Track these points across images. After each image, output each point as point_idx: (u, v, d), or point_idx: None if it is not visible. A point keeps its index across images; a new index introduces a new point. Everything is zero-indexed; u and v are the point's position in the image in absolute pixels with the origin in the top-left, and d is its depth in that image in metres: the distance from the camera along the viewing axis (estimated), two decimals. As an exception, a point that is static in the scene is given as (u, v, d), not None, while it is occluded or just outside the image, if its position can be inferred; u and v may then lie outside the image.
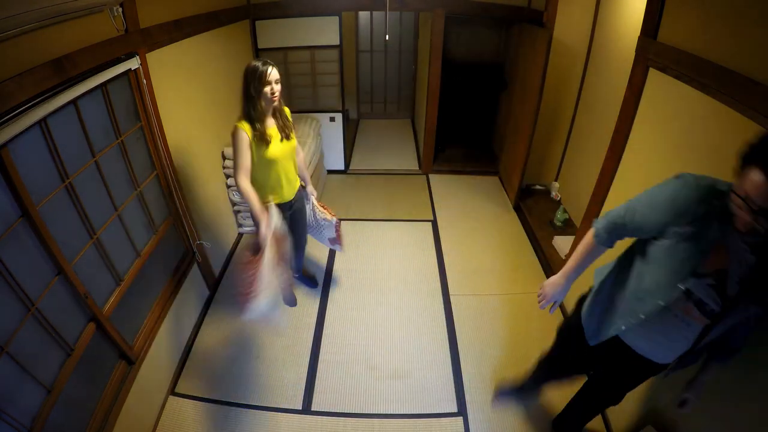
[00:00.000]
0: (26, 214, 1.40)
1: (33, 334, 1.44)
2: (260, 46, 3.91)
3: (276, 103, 2.02)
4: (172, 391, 2.29)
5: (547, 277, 3.09)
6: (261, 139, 1.98)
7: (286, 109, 2.15)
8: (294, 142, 2.18)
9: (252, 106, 1.93)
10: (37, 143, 1.48)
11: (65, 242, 1.59)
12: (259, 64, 1.92)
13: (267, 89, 1.93)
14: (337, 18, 3.81)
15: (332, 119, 4.36)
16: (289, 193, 2.25)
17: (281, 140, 2.08)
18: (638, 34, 1.93)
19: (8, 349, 1.31)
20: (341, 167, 4.68)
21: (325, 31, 3.87)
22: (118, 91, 1.94)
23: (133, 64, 1.95)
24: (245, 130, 1.93)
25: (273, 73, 1.93)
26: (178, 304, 2.43)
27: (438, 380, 2.37)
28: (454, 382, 2.36)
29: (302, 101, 4.25)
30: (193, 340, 2.59)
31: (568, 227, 3.48)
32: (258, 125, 1.96)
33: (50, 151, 1.54)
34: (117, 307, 1.90)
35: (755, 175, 0.92)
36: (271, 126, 2.05)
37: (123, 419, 1.83)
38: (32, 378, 1.42)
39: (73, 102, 1.63)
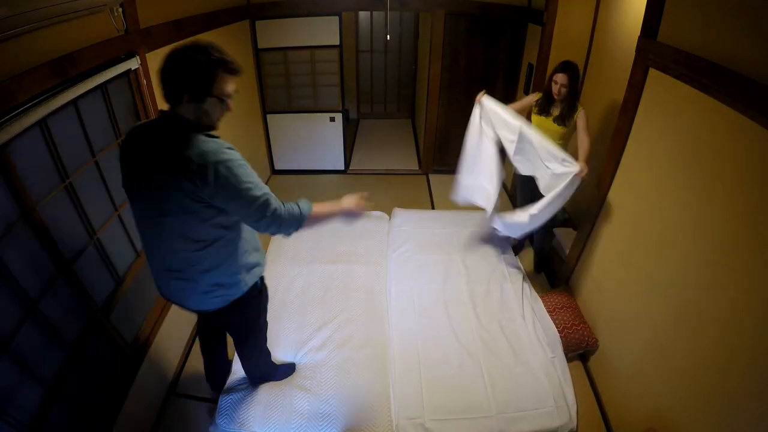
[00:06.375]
0: (26, 214, 1.40)
1: (33, 334, 1.44)
2: (260, 46, 3.91)
3: None
4: (173, 391, 2.29)
5: (548, 278, 3.08)
6: None
7: None
8: None
9: None
10: (37, 143, 1.49)
11: (65, 242, 1.59)
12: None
13: None
14: (337, 18, 3.81)
15: (332, 119, 4.35)
16: None
17: None
18: (638, 34, 1.93)
19: (8, 349, 1.31)
20: (341, 167, 4.68)
21: (325, 31, 3.87)
22: (118, 91, 1.95)
23: (133, 64, 1.95)
24: None
25: None
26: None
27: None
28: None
29: (302, 101, 4.25)
30: (193, 340, 2.59)
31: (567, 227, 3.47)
32: None
33: (50, 151, 1.54)
34: (117, 307, 1.90)
35: None
36: None
37: (122, 419, 1.83)
38: (32, 377, 1.42)
39: (73, 102, 1.63)
